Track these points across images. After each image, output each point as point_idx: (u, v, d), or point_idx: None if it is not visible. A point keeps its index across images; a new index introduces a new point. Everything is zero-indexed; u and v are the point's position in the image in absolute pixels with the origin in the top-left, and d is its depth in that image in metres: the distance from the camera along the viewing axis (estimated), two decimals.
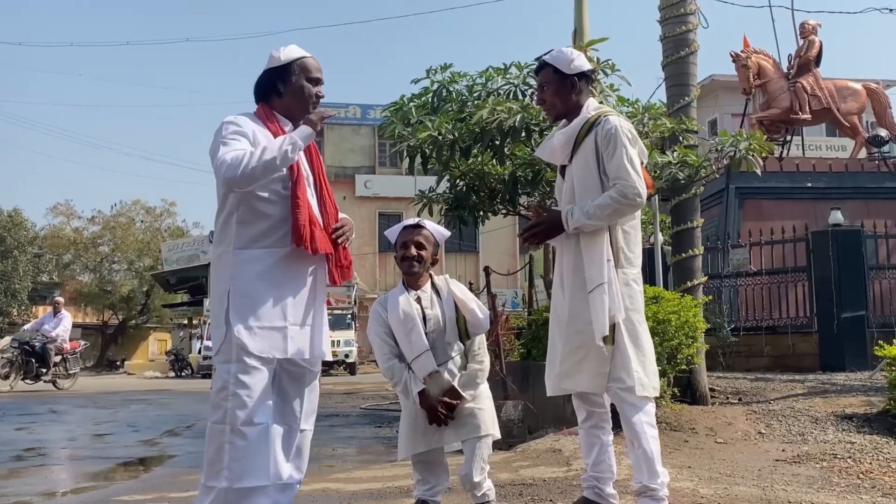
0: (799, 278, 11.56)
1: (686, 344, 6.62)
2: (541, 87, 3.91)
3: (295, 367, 3.27)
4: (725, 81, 24.15)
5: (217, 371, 3.17)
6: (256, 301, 3.13)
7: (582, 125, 3.73)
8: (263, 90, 3.36)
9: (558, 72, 3.80)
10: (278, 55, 3.32)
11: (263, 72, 3.35)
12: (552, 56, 3.87)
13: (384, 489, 5.07)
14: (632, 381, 3.54)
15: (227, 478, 3.02)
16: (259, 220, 3.17)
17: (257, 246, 3.17)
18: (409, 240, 3.92)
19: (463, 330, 3.88)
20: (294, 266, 3.23)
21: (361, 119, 37.65)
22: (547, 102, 3.90)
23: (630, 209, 3.64)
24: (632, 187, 3.57)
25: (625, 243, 3.71)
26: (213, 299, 3.24)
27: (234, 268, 3.16)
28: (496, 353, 7.97)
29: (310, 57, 3.36)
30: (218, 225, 3.26)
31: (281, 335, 3.15)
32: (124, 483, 6.27)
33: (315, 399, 3.40)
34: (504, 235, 33.98)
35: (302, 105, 3.33)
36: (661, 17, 8.45)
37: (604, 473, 3.77)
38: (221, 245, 3.22)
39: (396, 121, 7.66)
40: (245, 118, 3.24)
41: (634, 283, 3.71)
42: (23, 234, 39.77)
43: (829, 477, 5.04)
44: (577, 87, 3.81)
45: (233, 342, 3.09)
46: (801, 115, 14.35)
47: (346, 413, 11.84)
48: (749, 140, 7.51)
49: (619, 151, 3.61)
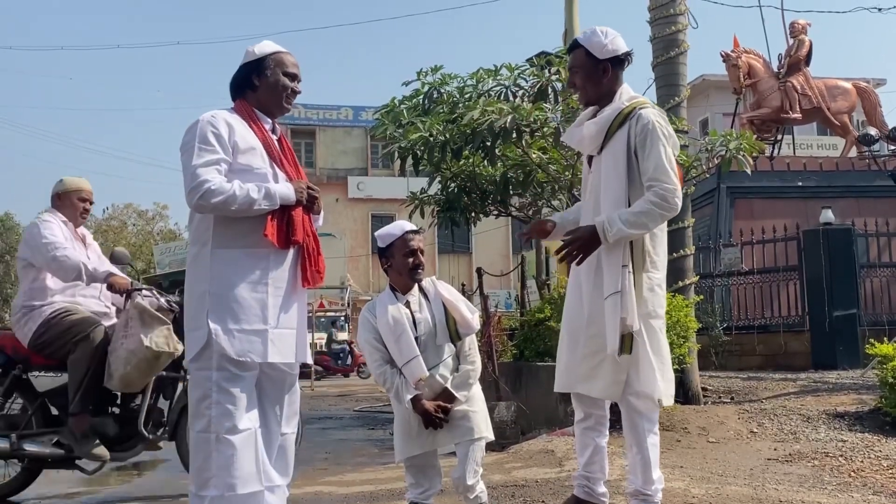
0: (790, 277, 11.59)
1: (678, 343, 6.63)
2: (572, 69, 3.70)
3: (274, 370, 3.21)
4: (716, 81, 24.23)
5: (195, 378, 3.09)
6: (237, 303, 3.07)
7: (615, 116, 3.53)
8: (239, 85, 3.32)
9: (590, 55, 3.58)
10: (253, 50, 3.30)
11: (239, 67, 3.31)
12: (585, 37, 3.63)
13: (377, 492, 5.07)
14: (651, 391, 3.45)
15: (217, 486, 2.98)
16: (239, 219, 3.11)
17: (237, 246, 3.12)
18: (417, 247, 3.90)
19: (453, 331, 3.87)
20: (274, 268, 3.17)
21: (353, 121, 37.59)
22: (577, 87, 3.70)
23: (670, 214, 3.42)
24: (672, 191, 3.37)
25: (651, 246, 3.54)
26: (189, 301, 3.15)
27: (212, 269, 3.09)
28: (489, 354, 7.98)
29: (285, 52, 3.33)
30: (193, 223, 3.20)
31: (261, 339, 3.09)
32: (117, 487, 6.26)
33: (296, 401, 3.35)
34: (497, 236, 34.00)
35: (276, 98, 3.29)
36: (651, 18, 8.46)
37: (595, 474, 3.75)
38: (198, 244, 3.16)
39: (388, 122, 7.66)
40: (223, 115, 3.18)
41: (659, 287, 3.57)
42: (14, 237, 39.63)
43: (820, 475, 5.06)
44: (610, 72, 3.59)
45: (213, 347, 3.03)
46: (791, 114, 14.38)
47: (339, 416, 11.84)
48: (740, 139, 7.52)
49: (656, 150, 3.41)
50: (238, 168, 3.11)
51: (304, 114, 37.38)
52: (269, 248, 3.15)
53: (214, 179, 3.00)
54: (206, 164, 3.03)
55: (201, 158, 3.03)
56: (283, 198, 3.14)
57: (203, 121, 3.12)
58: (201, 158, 3.03)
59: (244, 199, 3.02)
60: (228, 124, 3.14)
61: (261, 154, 3.20)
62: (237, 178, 3.07)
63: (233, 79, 3.34)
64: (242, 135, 3.16)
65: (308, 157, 37.49)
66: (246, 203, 3.03)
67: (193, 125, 3.12)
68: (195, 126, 3.11)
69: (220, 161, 3.06)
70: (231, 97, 3.36)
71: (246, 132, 3.19)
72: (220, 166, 3.06)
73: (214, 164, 3.04)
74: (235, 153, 3.12)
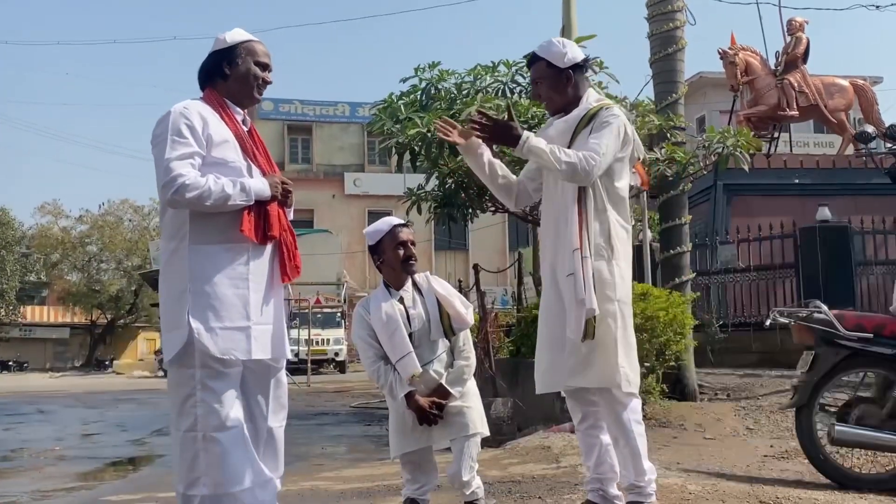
0: (787, 274, 11.60)
1: (674, 340, 6.63)
2: (535, 82, 3.77)
3: (257, 365, 3.14)
4: (713, 78, 24.15)
5: (176, 377, 3.02)
6: (218, 300, 3.00)
7: (582, 116, 3.61)
8: (209, 73, 3.22)
9: (552, 66, 3.66)
10: (223, 38, 3.21)
11: (209, 55, 3.22)
12: (544, 49, 3.70)
13: (373, 488, 5.06)
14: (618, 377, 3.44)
15: (207, 484, 2.93)
16: (216, 214, 3.03)
17: (215, 241, 3.04)
18: (407, 239, 3.90)
19: (447, 326, 3.87)
20: (254, 263, 3.10)
21: (350, 117, 37.54)
22: (544, 98, 3.77)
23: (577, 177, 3.46)
24: (594, 165, 3.43)
25: (617, 235, 3.57)
26: (166, 299, 3.06)
27: (191, 265, 3.01)
28: (485, 350, 7.98)
29: (257, 41, 3.25)
30: (165, 218, 3.11)
31: (244, 335, 3.03)
32: (113, 483, 6.26)
33: (283, 395, 3.27)
34: (494, 233, 34.01)
35: (247, 88, 3.20)
36: (649, 15, 8.47)
37: (606, 474, 3.66)
38: (174, 240, 3.06)
39: (385, 118, 7.65)
40: (196, 107, 3.09)
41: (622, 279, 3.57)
42: (10, 233, 39.63)
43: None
44: (573, 79, 3.67)
45: (195, 346, 2.96)
46: (788, 111, 14.38)
47: (335, 412, 11.84)
48: (737, 137, 7.53)
49: (605, 134, 3.50)
50: (212, 161, 3.03)
51: (301, 110, 37.37)
52: (247, 242, 3.07)
53: (189, 174, 2.93)
54: (179, 157, 2.95)
55: (175, 151, 2.95)
56: (258, 193, 3.06)
57: (175, 112, 3.03)
58: (175, 151, 2.95)
59: (219, 195, 2.95)
60: (202, 116, 3.06)
61: (234, 147, 3.12)
62: (211, 172, 3.00)
63: (202, 67, 3.24)
64: (216, 127, 3.08)
65: (304, 153, 37.47)
66: (221, 199, 2.96)
67: (165, 116, 3.03)
68: (167, 117, 3.02)
69: (193, 154, 2.98)
70: (199, 86, 3.27)
71: (219, 124, 3.11)
72: (195, 160, 2.98)
73: (189, 158, 2.96)
74: (209, 146, 3.04)
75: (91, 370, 40.80)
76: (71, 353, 47.75)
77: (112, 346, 47.13)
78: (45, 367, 43.45)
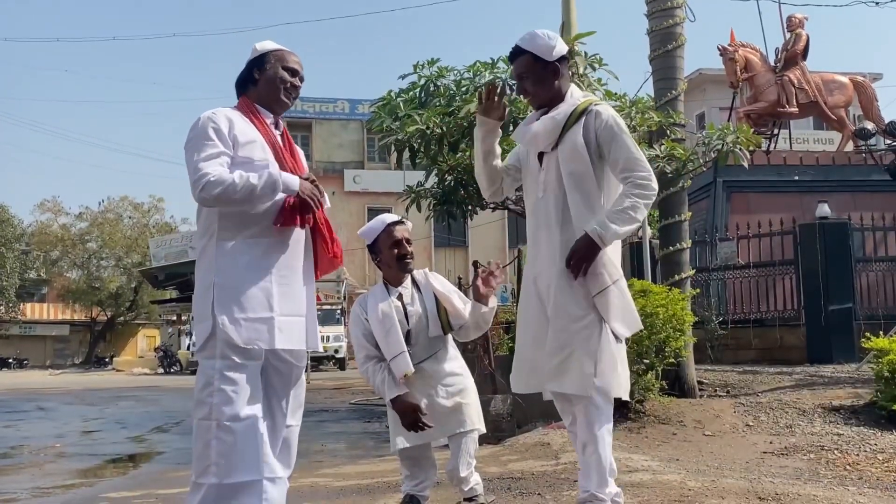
0: (786, 271, 11.60)
1: (674, 337, 6.63)
2: (520, 77, 3.60)
3: (281, 361, 3.23)
4: (713, 75, 24.16)
5: (201, 367, 3.13)
6: (242, 292, 3.11)
7: (570, 113, 3.48)
8: (244, 81, 3.39)
9: (539, 59, 3.50)
10: (256, 47, 3.39)
11: (245, 65, 3.40)
12: (528, 41, 3.53)
13: (372, 484, 5.07)
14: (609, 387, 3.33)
15: (216, 473, 2.99)
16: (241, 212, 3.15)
17: (242, 236, 3.15)
18: (403, 237, 3.91)
19: (445, 323, 3.89)
20: (280, 256, 3.21)
21: (350, 114, 37.52)
22: (529, 92, 3.61)
23: (652, 199, 3.40)
24: (647, 177, 3.35)
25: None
26: (197, 293, 3.20)
27: (218, 260, 3.14)
28: (485, 347, 7.99)
29: (289, 51, 3.40)
30: (201, 216, 3.25)
31: (267, 326, 3.12)
32: (112, 480, 6.26)
33: (301, 394, 3.37)
34: (493, 230, 33.98)
35: (275, 92, 3.33)
36: (648, 11, 8.45)
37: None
38: (205, 237, 3.21)
39: (384, 115, 7.64)
40: (224, 112, 3.24)
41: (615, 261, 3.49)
42: (10, 230, 39.59)
43: (816, 469, 5.07)
44: (560, 72, 3.53)
45: (218, 336, 3.06)
46: (788, 108, 14.37)
47: (335, 408, 11.85)
48: (736, 134, 7.52)
49: (623, 140, 3.39)
50: (239, 161, 3.15)
51: (301, 107, 37.29)
52: (271, 236, 3.19)
53: (214, 171, 3.05)
54: (207, 157, 3.08)
55: (202, 153, 3.09)
56: (287, 182, 3.16)
57: (203, 117, 3.19)
58: (202, 153, 3.09)
59: (244, 186, 3.06)
60: (228, 119, 3.20)
61: (261, 146, 3.23)
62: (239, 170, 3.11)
63: (238, 77, 3.41)
64: (242, 128, 3.21)
65: (304, 150, 36.71)
66: (247, 190, 3.06)
67: (195, 123, 3.18)
68: (196, 124, 3.17)
69: (220, 154, 3.11)
70: (236, 95, 3.42)
71: (246, 126, 3.24)
72: (221, 159, 3.11)
73: (216, 158, 3.10)
74: (236, 147, 3.16)
75: (91, 367, 40.79)
76: (71, 350, 47.77)
77: (112, 344, 47.15)
78: (45, 365, 43.48)
